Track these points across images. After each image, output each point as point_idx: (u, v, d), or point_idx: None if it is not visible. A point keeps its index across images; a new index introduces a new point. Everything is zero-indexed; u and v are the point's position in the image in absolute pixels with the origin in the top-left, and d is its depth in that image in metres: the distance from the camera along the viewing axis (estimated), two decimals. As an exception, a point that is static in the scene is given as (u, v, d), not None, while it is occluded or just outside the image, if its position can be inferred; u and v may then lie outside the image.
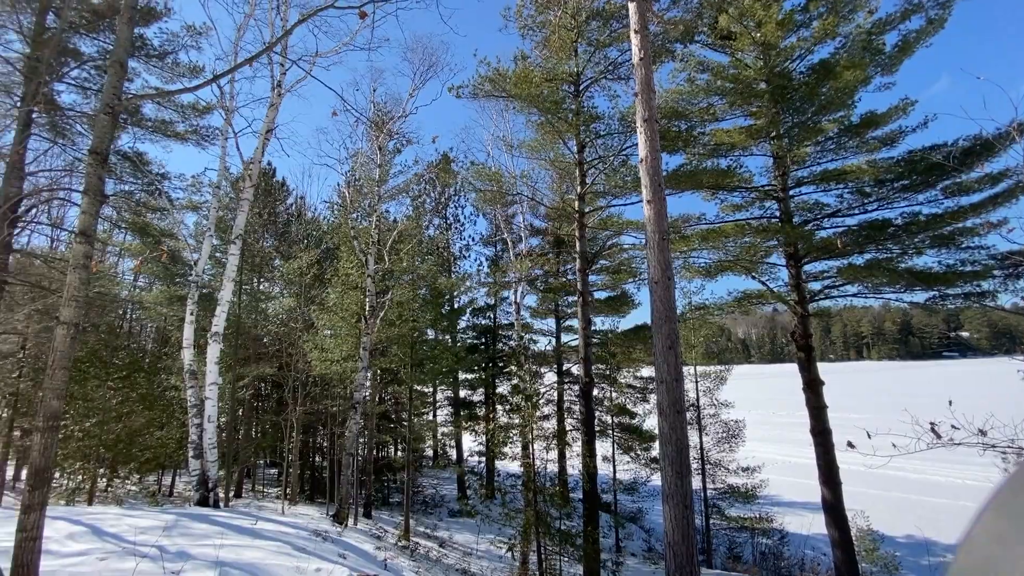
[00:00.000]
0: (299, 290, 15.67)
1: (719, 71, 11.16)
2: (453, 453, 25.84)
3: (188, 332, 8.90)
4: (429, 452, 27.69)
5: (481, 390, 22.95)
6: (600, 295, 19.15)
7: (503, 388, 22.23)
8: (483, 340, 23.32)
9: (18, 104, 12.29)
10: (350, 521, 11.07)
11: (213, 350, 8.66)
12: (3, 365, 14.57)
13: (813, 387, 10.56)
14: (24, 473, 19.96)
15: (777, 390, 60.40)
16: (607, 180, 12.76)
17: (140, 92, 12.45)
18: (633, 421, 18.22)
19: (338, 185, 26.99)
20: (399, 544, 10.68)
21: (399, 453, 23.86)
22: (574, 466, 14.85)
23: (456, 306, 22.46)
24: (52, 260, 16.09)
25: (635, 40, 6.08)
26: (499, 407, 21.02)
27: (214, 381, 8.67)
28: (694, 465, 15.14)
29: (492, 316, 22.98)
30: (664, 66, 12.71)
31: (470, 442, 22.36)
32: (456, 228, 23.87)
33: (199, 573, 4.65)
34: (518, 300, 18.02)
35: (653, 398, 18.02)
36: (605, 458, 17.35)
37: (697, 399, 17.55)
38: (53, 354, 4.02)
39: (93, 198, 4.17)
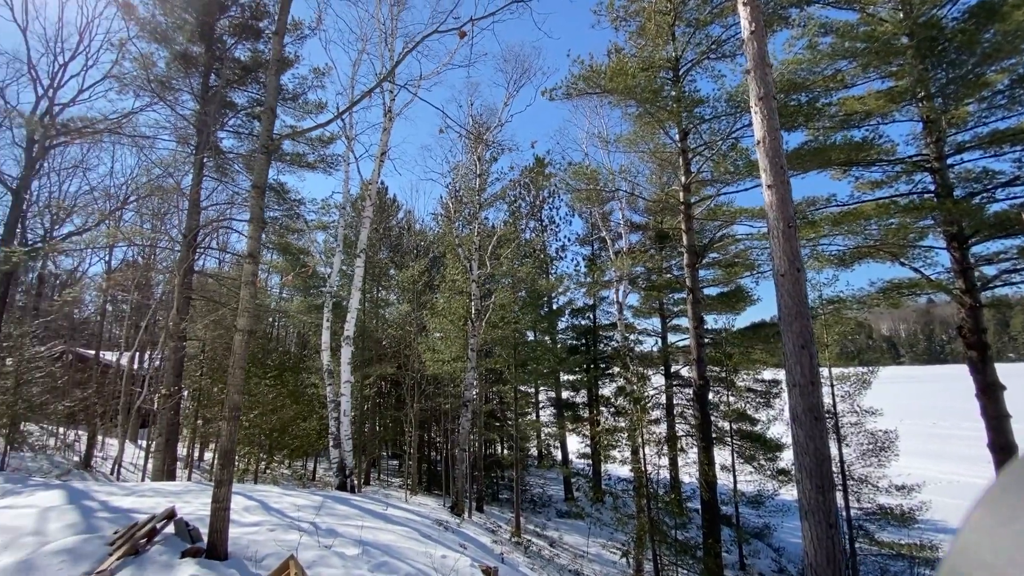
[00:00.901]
0: (412, 296, 16.97)
1: (846, 31, 9.78)
2: (557, 454, 25.94)
3: (325, 336, 10.12)
4: (534, 451, 28.15)
5: (583, 392, 22.74)
6: (711, 291, 17.85)
7: (606, 390, 21.78)
8: (583, 341, 23.10)
9: (193, 152, 15.07)
10: (465, 514, 11.68)
11: (345, 352, 9.75)
12: (189, 366, 17.92)
13: (990, 393, 8.72)
14: (207, 455, 24.35)
15: (938, 396, 50.81)
16: (715, 167, 11.88)
17: (282, 132, 14.41)
18: (755, 428, 16.63)
19: (441, 197, 28.80)
20: (512, 540, 11.01)
21: (505, 451, 24.60)
22: (690, 474, 14.01)
23: (554, 307, 22.55)
24: (220, 278, 19.48)
25: (744, 12, 5.60)
26: (603, 409, 20.64)
27: (347, 379, 9.75)
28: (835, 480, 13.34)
29: (592, 317, 22.66)
30: (777, 36, 11.52)
31: (576, 443, 22.26)
32: (551, 229, 24.00)
33: (346, 548, 5.26)
34: (620, 299, 17.53)
35: (778, 403, 16.27)
36: (724, 467, 16.07)
37: (833, 405, 15.47)
38: (233, 356, 4.85)
39: (257, 225, 4.96)
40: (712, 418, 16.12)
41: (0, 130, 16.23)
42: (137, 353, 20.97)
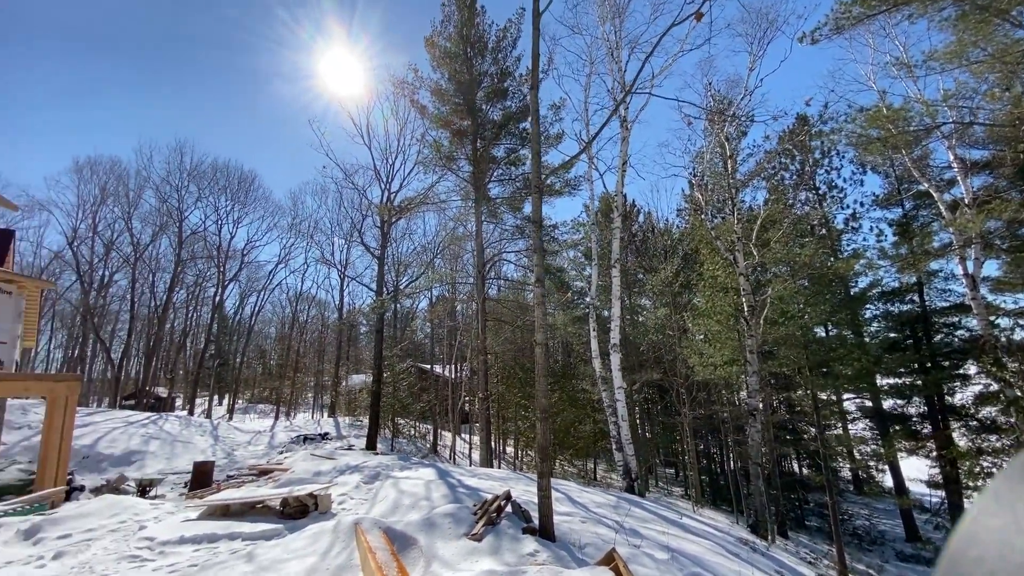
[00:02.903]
0: (668, 299, 16.48)
1: None
2: (883, 478, 20.23)
3: (594, 345, 10.83)
4: (846, 473, 22.76)
5: (918, 399, 17.19)
6: None
7: (962, 396, 15.87)
8: (907, 333, 17.59)
9: (473, 204, 18.73)
10: (769, 537, 10.32)
11: (614, 359, 10.18)
12: (490, 374, 21.97)
13: None
14: (508, 448, 29.21)
15: None
16: None
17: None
18: None
19: (683, 191, 27.28)
20: (839, 578, 9.10)
21: (804, 470, 20.73)
22: None
23: (852, 294, 18.02)
24: (503, 302, 23.44)
25: None
26: (957, 423, 15.13)
27: (620, 385, 10.13)
28: None
29: (918, 299, 17.10)
30: None
31: (914, 467, 16.94)
32: (833, 197, 19.46)
33: (654, 551, 5.39)
34: (969, 270, 12.64)
35: None
36: None
37: None
38: (536, 366, 5.70)
39: (540, 255, 5.76)
40: None
41: (368, 217, 24.09)
42: (454, 365, 27.12)
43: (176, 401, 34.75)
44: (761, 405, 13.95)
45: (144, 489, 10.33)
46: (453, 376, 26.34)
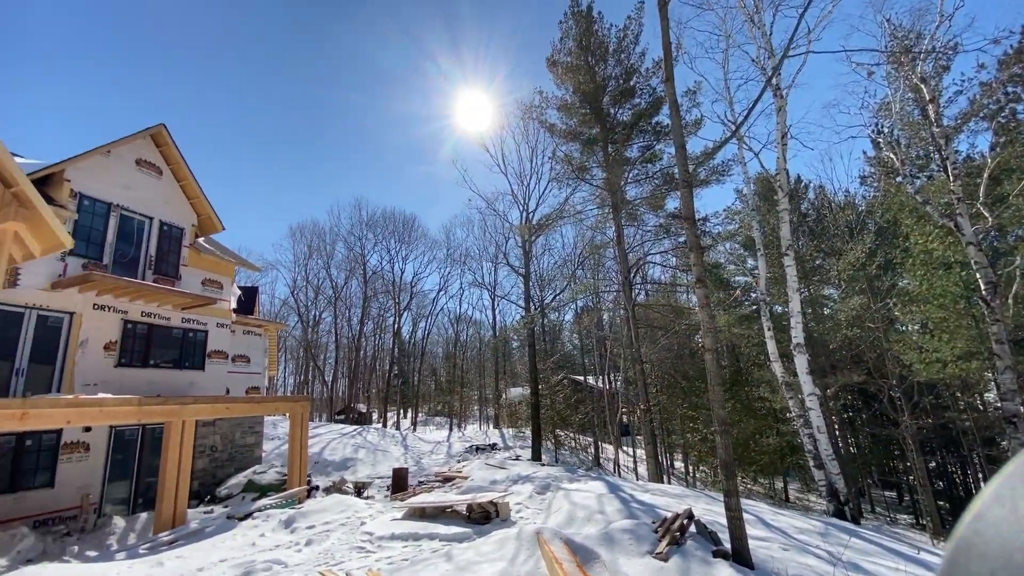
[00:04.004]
0: (863, 285, 13.70)
1: None
2: None
3: (771, 347, 9.54)
4: None
5: None
6: None
7: None
8: None
9: (610, 210, 18.37)
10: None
11: (800, 361, 8.80)
12: (648, 384, 20.96)
13: None
14: (677, 464, 27.29)
15: None
16: None
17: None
18: None
19: (864, 153, 22.68)
20: None
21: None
22: None
23: None
24: (650, 306, 22.31)
25: None
26: None
27: (811, 392, 8.70)
28: None
29: None
30: None
31: None
32: (1116, 121, 14.01)
33: (891, 595, 4.41)
34: None
35: None
36: None
37: None
38: (708, 375, 5.24)
39: (697, 252, 5.34)
40: None
41: (510, 239, 25.53)
42: (606, 376, 26.61)
43: (373, 415, 41.00)
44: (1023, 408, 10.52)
45: (359, 490, 12.33)
46: (608, 387, 25.85)
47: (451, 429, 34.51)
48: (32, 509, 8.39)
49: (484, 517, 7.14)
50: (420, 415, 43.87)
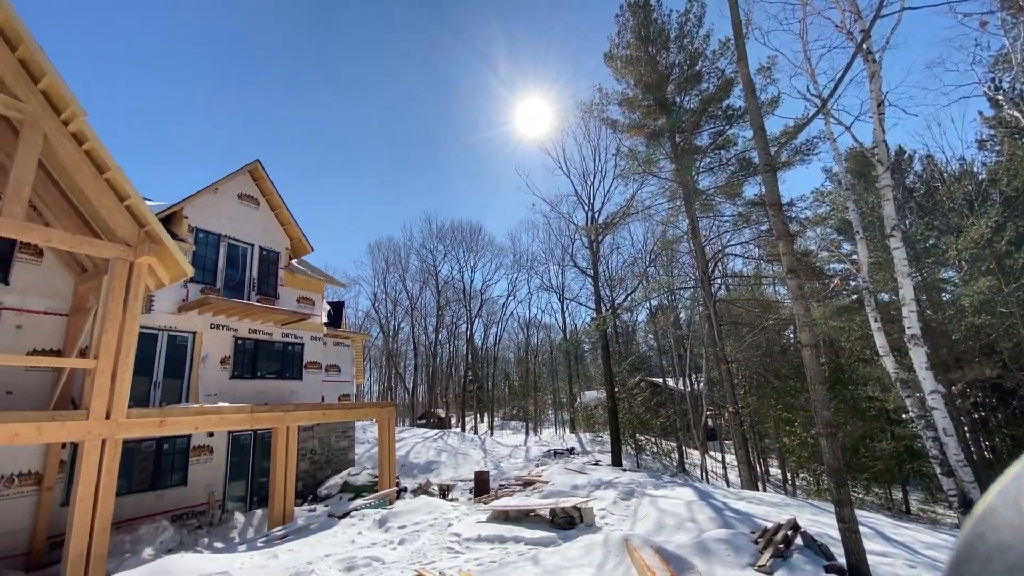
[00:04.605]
0: (990, 264, 11.84)
1: None
2: None
3: (880, 340, 8.53)
4: None
5: None
6: None
7: None
8: None
9: (682, 202, 17.52)
10: None
11: (918, 355, 7.77)
12: (736, 385, 19.63)
13: None
14: (772, 471, 25.22)
15: None
16: None
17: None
18: None
19: (980, 114, 19.64)
20: None
21: None
22: None
23: None
24: (732, 302, 20.91)
25: None
26: None
27: (933, 389, 7.64)
28: None
29: None
30: None
31: None
32: None
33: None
34: None
35: None
36: None
37: None
38: (807, 372, 4.79)
39: (787, 241, 4.93)
40: None
41: (576, 240, 25.27)
42: (687, 377, 25.31)
43: (451, 420, 42.38)
44: None
45: (444, 492, 12.76)
46: (690, 389, 24.59)
47: (527, 433, 34.70)
48: (170, 505, 9.65)
49: (568, 522, 7.08)
50: (496, 419, 44.59)
